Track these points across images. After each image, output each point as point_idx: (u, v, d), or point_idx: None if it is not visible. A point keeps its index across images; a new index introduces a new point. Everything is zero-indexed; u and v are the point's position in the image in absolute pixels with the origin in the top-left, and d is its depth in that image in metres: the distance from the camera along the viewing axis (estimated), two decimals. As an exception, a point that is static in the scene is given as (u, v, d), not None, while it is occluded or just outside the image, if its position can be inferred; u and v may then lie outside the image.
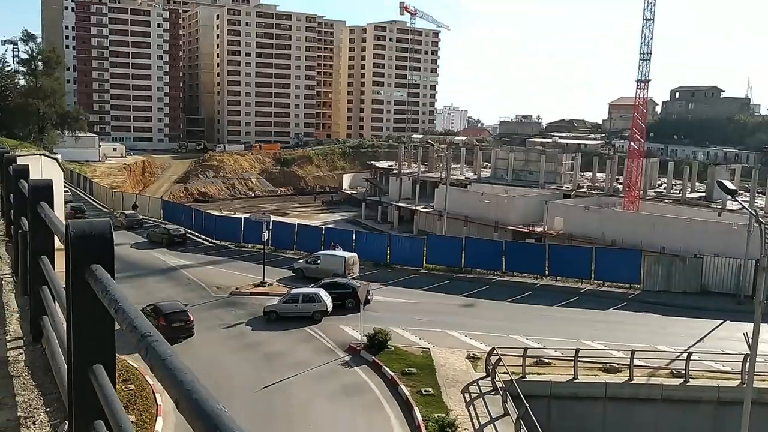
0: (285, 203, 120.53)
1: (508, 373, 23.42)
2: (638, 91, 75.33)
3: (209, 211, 65.62)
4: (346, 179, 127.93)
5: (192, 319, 28.82)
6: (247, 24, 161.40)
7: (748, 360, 23.91)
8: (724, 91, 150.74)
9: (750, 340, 16.02)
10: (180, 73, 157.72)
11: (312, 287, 33.13)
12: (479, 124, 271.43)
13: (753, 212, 20.29)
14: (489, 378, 24.05)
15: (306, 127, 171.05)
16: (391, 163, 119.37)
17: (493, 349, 24.58)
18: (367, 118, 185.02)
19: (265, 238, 38.49)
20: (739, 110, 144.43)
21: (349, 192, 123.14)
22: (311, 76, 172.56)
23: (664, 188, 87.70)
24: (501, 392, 22.47)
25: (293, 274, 39.13)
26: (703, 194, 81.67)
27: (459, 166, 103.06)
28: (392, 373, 24.74)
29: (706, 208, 73.40)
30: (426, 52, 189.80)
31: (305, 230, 49.33)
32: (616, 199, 78.61)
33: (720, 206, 73.37)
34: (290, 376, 25.06)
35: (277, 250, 46.71)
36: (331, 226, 72.93)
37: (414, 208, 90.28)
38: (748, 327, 31.83)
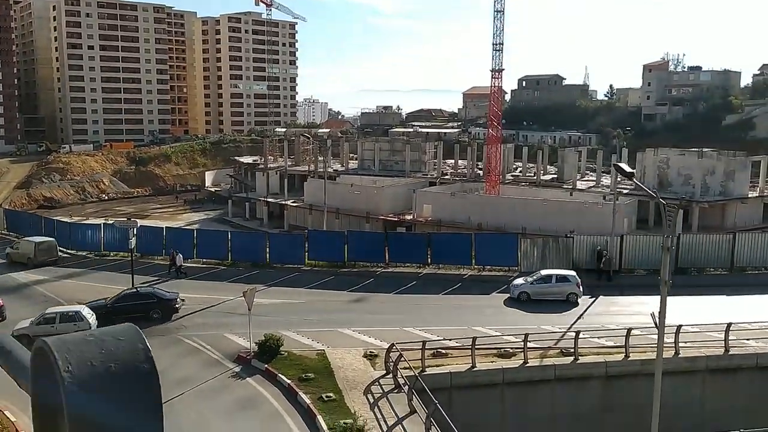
0: (143, 205, 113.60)
1: (410, 368, 22.97)
2: (493, 80, 78.07)
3: (59, 218, 59.99)
4: (209, 176, 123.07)
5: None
6: (88, 15, 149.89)
7: (630, 334, 25.33)
8: (565, 78, 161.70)
9: (657, 319, 16.55)
10: (15, 69, 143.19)
11: (86, 303, 31.10)
12: (340, 116, 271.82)
13: (652, 192, 20.60)
14: (390, 376, 23.46)
15: (161, 124, 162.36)
16: (255, 157, 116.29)
17: (392, 345, 24.01)
18: (227, 113, 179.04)
19: (132, 245, 35.40)
20: (580, 96, 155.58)
21: (212, 189, 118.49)
22: (163, 70, 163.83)
23: (520, 172, 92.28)
24: (405, 389, 21.96)
25: None
26: (555, 176, 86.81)
27: (323, 158, 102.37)
28: (289, 381, 23.44)
29: (559, 189, 78.23)
30: (284, 44, 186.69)
31: (176, 233, 46.20)
32: (478, 184, 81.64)
33: (571, 186, 78.51)
34: (176, 396, 22.96)
35: (144, 257, 43.43)
36: (195, 226, 69.58)
37: (284, 202, 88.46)
38: (617, 300, 34.08)
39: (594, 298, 33.91)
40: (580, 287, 32.76)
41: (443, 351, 25.32)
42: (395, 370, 23.16)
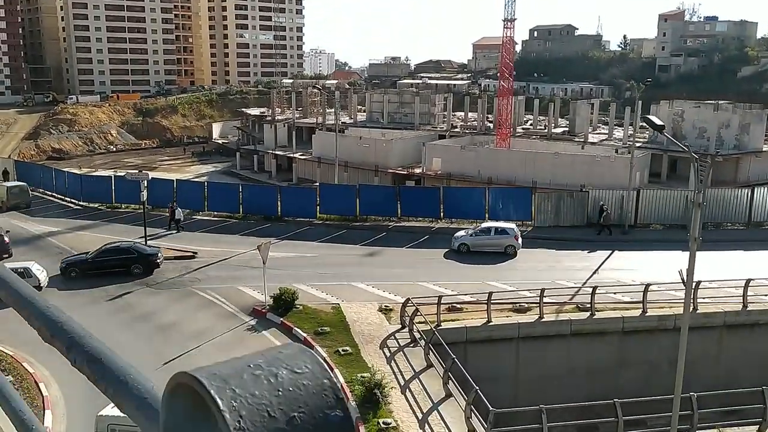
0: (151, 157, 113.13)
1: (425, 322, 22.94)
2: (505, 30, 76.12)
3: (68, 170, 59.77)
4: (216, 128, 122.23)
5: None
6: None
7: (648, 290, 25.16)
8: (578, 29, 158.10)
9: (684, 276, 16.27)
10: (19, 18, 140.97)
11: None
12: (347, 68, 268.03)
13: (684, 147, 19.68)
14: (406, 330, 23.46)
15: (167, 74, 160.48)
16: (263, 109, 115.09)
17: (408, 300, 23.94)
18: (233, 64, 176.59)
19: (144, 198, 35.19)
20: (593, 47, 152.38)
21: (220, 141, 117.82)
22: (168, 20, 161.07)
23: (531, 125, 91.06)
24: (421, 344, 21.97)
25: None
26: (566, 129, 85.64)
27: (333, 110, 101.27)
28: (305, 335, 23.50)
29: (570, 142, 77.29)
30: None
31: (186, 186, 45.96)
32: (488, 137, 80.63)
33: (583, 140, 77.52)
34: (193, 348, 23.09)
35: (155, 209, 43.28)
36: (204, 179, 69.32)
37: (292, 155, 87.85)
38: (633, 255, 33.78)
39: (611, 252, 33.72)
40: (519, 239, 33.07)
41: (458, 306, 25.26)
42: (411, 324, 23.13)
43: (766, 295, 26.27)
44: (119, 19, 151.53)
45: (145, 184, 35.73)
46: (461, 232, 34.36)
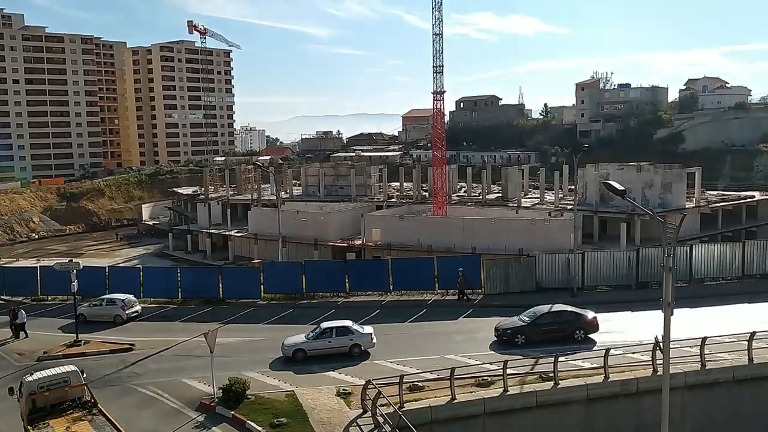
0: (77, 242, 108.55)
1: (388, 404, 21.74)
2: (435, 102, 78.04)
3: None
4: (146, 209, 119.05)
5: None
6: (12, 48, 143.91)
7: (609, 354, 24.88)
8: (501, 99, 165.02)
9: (661, 341, 15.94)
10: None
11: None
12: (279, 143, 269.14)
13: (648, 211, 19.66)
14: (368, 415, 22.14)
15: (92, 157, 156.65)
16: (195, 188, 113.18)
17: (369, 382, 22.72)
18: (162, 143, 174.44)
19: (75, 289, 32.92)
20: (517, 116, 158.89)
21: (151, 223, 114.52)
22: (93, 102, 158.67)
23: (465, 192, 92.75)
24: (386, 429, 20.70)
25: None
26: (500, 195, 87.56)
27: (268, 186, 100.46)
28: (260, 428, 21.80)
29: (505, 207, 78.90)
30: (219, 72, 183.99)
31: (119, 272, 43.61)
32: (425, 206, 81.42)
33: (516, 204, 79.28)
34: (136, 453, 21.05)
35: (85, 299, 40.66)
36: (135, 263, 66.49)
37: (227, 233, 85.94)
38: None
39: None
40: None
41: (419, 384, 24.18)
42: (374, 408, 21.86)
43: (721, 353, 26.42)
44: (41, 104, 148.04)
45: (75, 274, 33.51)
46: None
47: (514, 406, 23.83)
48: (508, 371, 24.04)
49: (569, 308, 30.44)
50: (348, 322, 29.67)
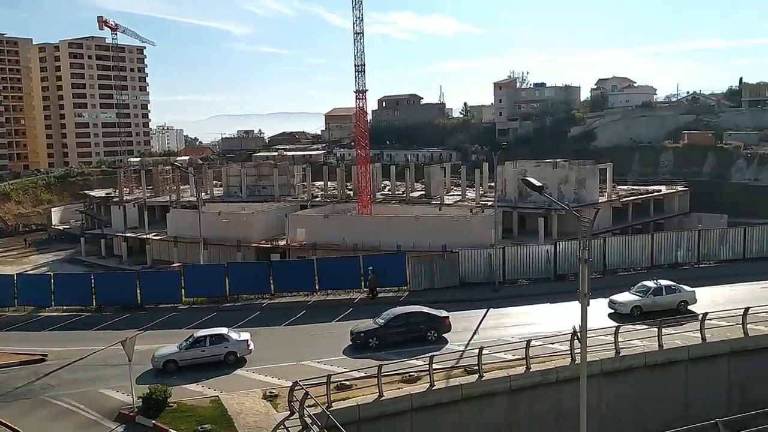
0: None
1: (316, 404, 21.59)
2: (357, 101, 78.27)
3: None
4: (56, 213, 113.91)
5: None
6: None
7: (530, 345, 25.64)
8: (422, 98, 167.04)
9: (579, 334, 16.51)
10: None
11: None
12: (198, 143, 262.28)
13: (564, 206, 20.49)
14: (296, 416, 21.91)
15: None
16: (108, 190, 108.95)
17: (296, 383, 22.48)
18: (72, 144, 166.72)
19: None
20: (438, 115, 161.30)
21: (61, 227, 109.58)
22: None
23: (389, 190, 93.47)
24: (315, 429, 20.55)
25: None
26: (423, 192, 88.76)
27: (188, 187, 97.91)
28: (183, 436, 21.21)
29: (428, 205, 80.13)
30: (132, 70, 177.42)
31: (29, 280, 41.36)
32: (349, 205, 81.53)
33: (439, 202, 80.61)
34: (50, 469, 20.02)
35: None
36: (44, 270, 63.28)
37: (145, 236, 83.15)
38: (507, 311, 34.60)
39: (486, 310, 34.37)
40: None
41: (347, 383, 24.14)
42: (301, 409, 21.64)
43: (634, 340, 27.70)
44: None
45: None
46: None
47: (441, 400, 24.18)
48: (435, 366, 24.37)
49: (424, 309, 30.46)
50: (223, 330, 28.58)
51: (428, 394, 24.01)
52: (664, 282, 32.96)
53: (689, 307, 32.41)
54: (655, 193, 79.66)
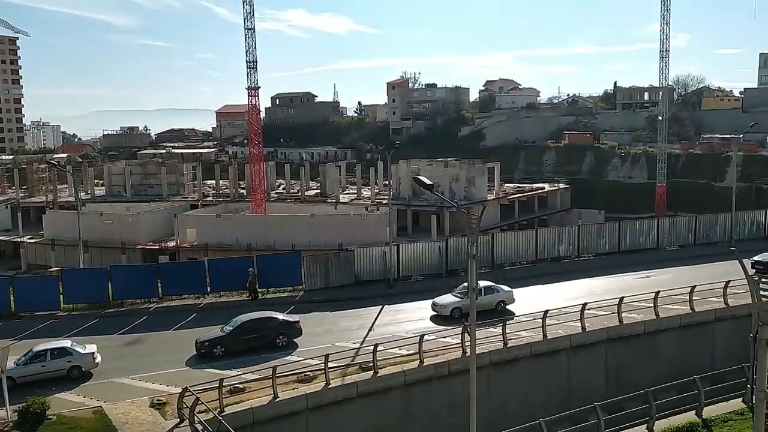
0: None
1: (207, 410, 20.96)
2: (249, 98, 76.81)
3: None
4: None
5: None
6: None
7: (423, 340, 26.16)
8: (317, 96, 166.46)
9: (468, 327, 16.95)
10: None
11: None
12: (77, 140, 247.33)
13: (453, 203, 21.07)
14: (186, 424, 21.18)
15: None
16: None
17: (186, 389, 21.72)
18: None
19: None
20: (332, 113, 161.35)
21: None
22: None
23: (283, 189, 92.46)
24: (207, 436, 19.97)
25: None
26: (318, 191, 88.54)
27: (66, 186, 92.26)
28: (63, 451, 19.95)
29: (324, 203, 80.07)
30: (4, 62, 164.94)
31: None
32: (243, 204, 79.90)
33: (335, 200, 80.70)
34: None
35: None
36: None
37: (19, 239, 77.47)
38: (402, 307, 35.13)
39: (381, 306, 34.74)
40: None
41: (240, 386, 23.62)
42: (192, 416, 20.95)
43: (521, 331, 28.93)
44: None
45: None
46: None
47: (337, 398, 24.21)
48: (330, 364, 24.34)
49: (274, 315, 29.70)
50: (67, 343, 26.85)
51: (324, 392, 23.97)
52: (483, 283, 33.28)
53: (507, 307, 33.08)
54: (539, 191, 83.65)
